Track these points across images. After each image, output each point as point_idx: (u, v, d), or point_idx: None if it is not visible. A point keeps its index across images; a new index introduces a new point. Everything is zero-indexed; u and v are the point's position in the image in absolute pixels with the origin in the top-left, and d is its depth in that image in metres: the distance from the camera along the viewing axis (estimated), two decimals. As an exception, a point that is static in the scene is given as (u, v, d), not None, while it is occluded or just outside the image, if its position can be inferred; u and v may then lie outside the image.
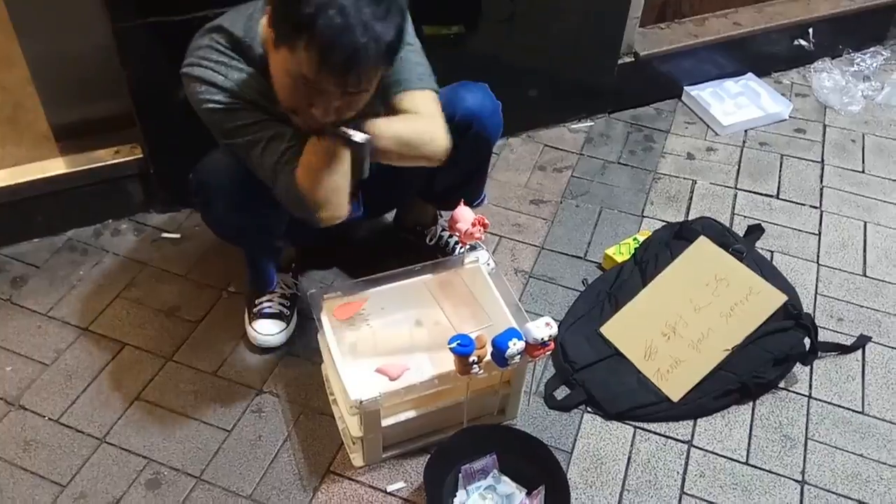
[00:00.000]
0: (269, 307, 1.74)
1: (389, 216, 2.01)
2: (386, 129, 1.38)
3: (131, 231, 2.01)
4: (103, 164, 1.92)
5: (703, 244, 1.82)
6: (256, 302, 1.75)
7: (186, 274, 1.90)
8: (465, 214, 1.62)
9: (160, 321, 1.80)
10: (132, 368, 1.70)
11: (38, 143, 1.95)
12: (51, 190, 1.91)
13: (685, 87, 2.55)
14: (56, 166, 1.91)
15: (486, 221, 1.62)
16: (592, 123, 2.46)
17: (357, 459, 1.55)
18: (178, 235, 2.00)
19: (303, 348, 1.75)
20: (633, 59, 2.39)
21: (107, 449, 1.55)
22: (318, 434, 1.60)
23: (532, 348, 1.43)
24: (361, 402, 1.39)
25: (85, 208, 1.98)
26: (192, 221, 2.03)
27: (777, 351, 1.68)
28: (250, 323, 1.75)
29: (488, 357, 1.42)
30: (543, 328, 1.42)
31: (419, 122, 1.43)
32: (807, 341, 1.72)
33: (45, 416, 1.60)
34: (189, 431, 1.59)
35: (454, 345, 1.38)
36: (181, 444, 1.57)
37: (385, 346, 1.54)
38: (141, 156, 1.94)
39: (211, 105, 1.35)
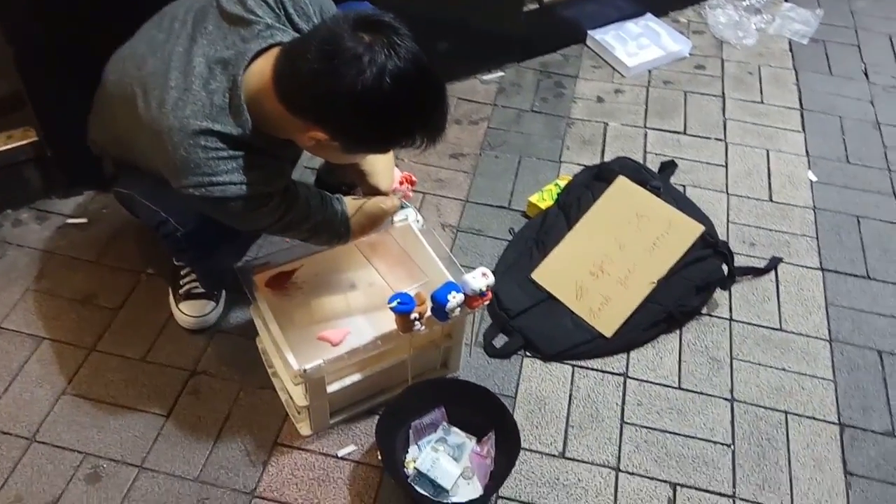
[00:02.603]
0: (197, 287, 1.68)
1: (311, 175, 1.96)
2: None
3: (33, 220, 1.89)
4: (-6, 150, 1.79)
5: (621, 183, 1.87)
6: (181, 283, 1.69)
7: (98, 259, 1.81)
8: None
9: (77, 311, 1.71)
10: (54, 363, 1.61)
11: (-84, 134, 1.80)
12: (-63, 183, 1.77)
13: (589, 32, 2.58)
14: (-60, 156, 1.77)
15: (414, 179, 1.61)
16: (503, 73, 2.46)
17: (304, 428, 1.53)
18: (84, 220, 1.89)
19: (233, 324, 1.70)
20: (537, 6, 2.40)
21: (38, 448, 1.48)
22: (259, 408, 1.57)
23: (471, 299, 1.43)
24: (305, 370, 1.37)
25: (-21, 200, 1.85)
26: (98, 204, 1.93)
27: (698, 279, 1.75)
28: (177, 305, 1.69)
29: (429, 313, 1.42)
30: (480, 278, 1.42)
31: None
32: (724, 268, 1.80)
33: (-36, 422, 1.51)
34: (124, 421, 1.53)
35: (394, 303, 1.37)
36: (117, 435, 1.51)
37: (322, 312, 1.52)
38: (36, 139, 1.81)
39: (250, 214, 1.30)
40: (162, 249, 1.72)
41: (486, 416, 1.50)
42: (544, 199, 1.96)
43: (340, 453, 1.51)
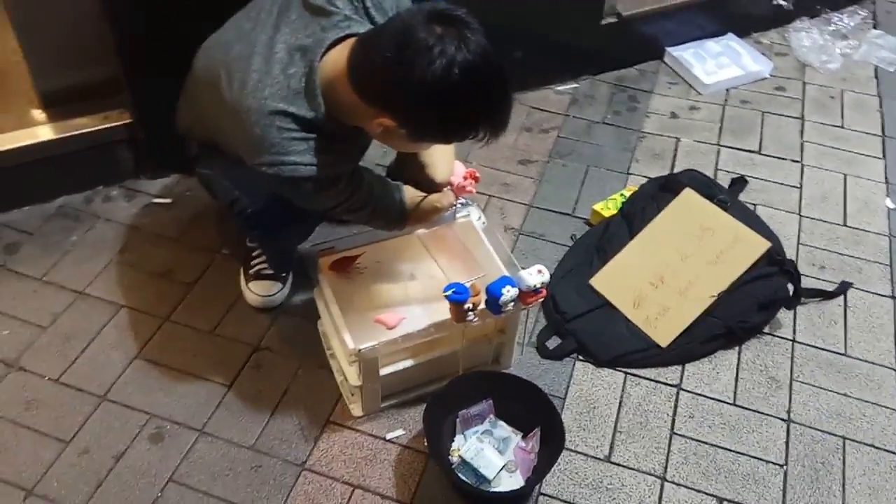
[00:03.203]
0: (266, 268, 1.76)
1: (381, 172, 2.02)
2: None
3: (122, 197, 2.01)
4: (92, 129, 1.92)
5: (688, 195, 1.86)
6: (252, 264, 1.77)
7: (179, 238, 1.92)
8: (456, 168, 1.64)
9: (155, 283, 1.81)
10: (130, 329, 1.72)
11: (26, 112, 1.95)
12: (40, 157, 1.91)
13: (667, 48, 2.58)
14: (45, 133, 1.91)
15: (477, 175, 1.65)
16: (577, 85, 2.48)
17: (356, 409, 1.58)
18: (169, 200, 2.01)
19: (298, 306, 1.77)
20: (615, 20, 2.41)
21: (108, 406, 1.58)
22: (316, 387, 1.63)
23: (525, 295, 1.46)
24: (360, 350, 1.42)
25: (75, 175, 1.98)
26: (183, 187, 2.04)
27: (761, 296, 1.73)
28: (247, 284, 1.77)
29: (482, 305, 1.46)
30: (536, 275, 1.45)
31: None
32: (790, 287, 1.77)
33: (44, 377, 1.62)
34: (189, 388, 1.62)
35: (450, 292, 1.41)
36: (182, 400, 1.59)
37: (381, 298, 1.57)
38: (130, 121, 1.94)
39: (319, 195, 1.36)
40: (236, 232, 1.81)
41: (533, 412, 1.52)
42: (608, 207, 1.97)
43: (389, 436, 1.55)
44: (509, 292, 1.43)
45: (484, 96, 1.23)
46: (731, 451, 1.57)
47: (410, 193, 1.54)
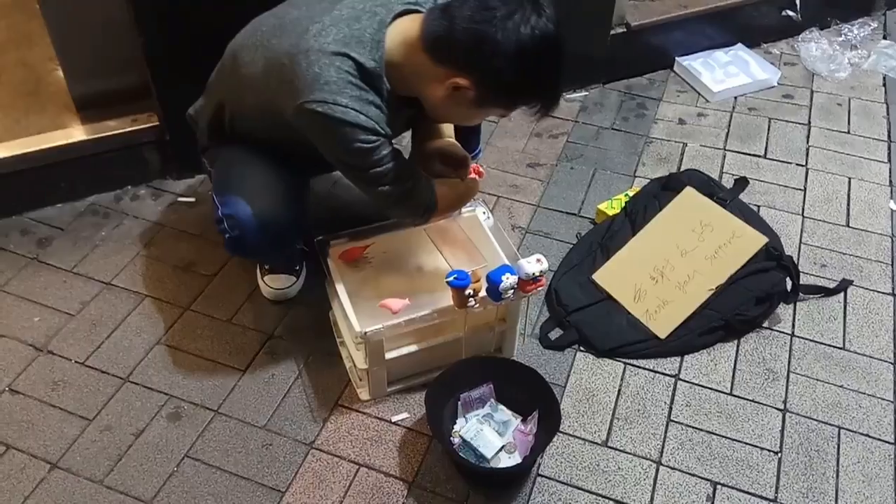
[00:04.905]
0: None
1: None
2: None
3: (149, 196, 2.12)
4: (122, 131, 2.03)
5: (689, 193, 1.91)
6: (267, 259, 1.86)
7: (201, 234, 2.02)
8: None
9: (178, 276, 1.91)
10: (153, 317, 1.81)
11: (60, 114, 2.08)
12: (73, 157, 2.03)
13: (676, 58, 2.65)
14: (77, 134, 2.03)
15: (482, 170, 1.72)
16: (587, 93, 2.56)
17: (364, 393, 1.65)
18: (193, 199, 2.12)
19: (311, 298, 1.85)
20: (624, 30, 2.49)
21: (130, 387, 1.67)
22: (326, 373, 1.71)
23: (524, 283, 1.52)
24: (366, 333, 1.50)
25: (106, 175, 2.10)
26: (206, 187, 2.14)
27: (759, 290, 1.77)
28: (262, 277, 1.86)
29: (483, 293, 1.53)
30: (535, 264, 1.52)
31: None
32: (788, 281, 1.81)
33: (71, 360, 1.71)
34: (207, 371, 1.70)
35: (451, 278, 1.49)
36: (200, 382, 1.68)
37: (388, 286, 1.64)
38: (157, 124, 2.06)
39: (357, 145, 1.39)
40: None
41: (531, 396, 1.57)
42: (613, 207, 2.03)
43: (394, 419, 1.62)
44: (508, 279, 1.50)
45: (556, 64, 1.35)
46: (726, 437, 1.61)
47: (438, 185, 1.61)
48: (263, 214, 1.53)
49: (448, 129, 1.73)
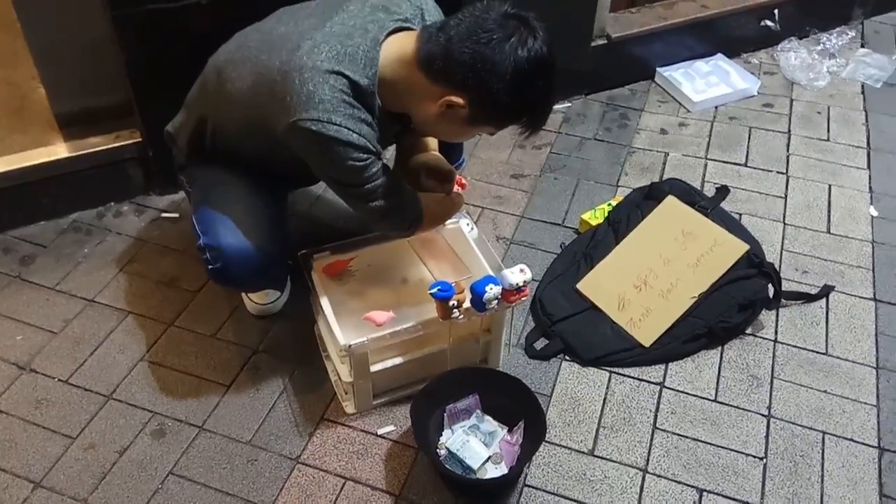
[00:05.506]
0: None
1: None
2: None
3: (132, 212, 2.12)
4: (104, 147, 2.03)
5: (670, 202, 1.93)
6: (252, 272, 1.86)
7: (185, 249, 2.01)
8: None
9: (161, 291, 1.90)
10: (136, 334, 1.80)
11: (43, 132, 2.07)
12: (55, 174, 2.02)
13: (657, 68, 2.67)
14: (60, 151, 2.02)
15: (465, 181, 1.73)
16: (570, 104, 2.58)
17: (349, 407, 1.65)
18: (176, 215, 2.11)
19: (296, 312, 1.85)
20: (606, 42, 2.51)
21: (113, 404, 1.66)
22: (311, 387, 1.70)
23: (508, 293, 1.53)
24: (350, 346, 1.49)
25: (88, 192, 2.09)
26: (188, 202, 2.14)
27: (741, 297, 1.78)
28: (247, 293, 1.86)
29: (467, 304, 1.53)
30: (518, 274, 1.52)
31: None
32: (770, 288, 1.83)
33: (54, 378, 1.70)
34: (191, 387, 1.69)
35: (435, 290, 1.49)
36: (183, 399, 1.67)
37: (372, 299, 1.64)
38: (140, 140, 2.06)
39: (350, 163, 1.38)
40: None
41: (517, 406, 1.57)
42: (596, 216, 2.04)
43: (380, 432, 1.62)
44: (492, 290, 1.50)
45: (547, 86, 1.38)
46: (711, 444, 1.61)
47: (423, 199, 1.62)
48: (247, 249, 1.52)
49: (433, 141, 1.74)
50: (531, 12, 1.35)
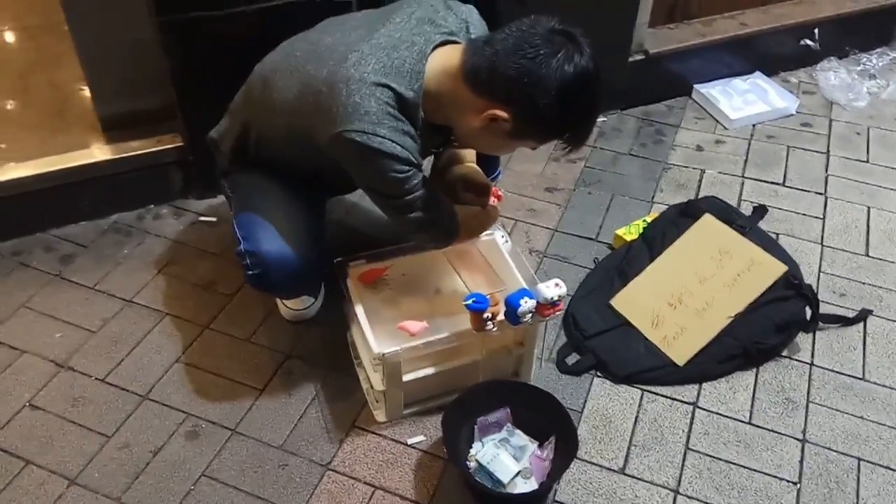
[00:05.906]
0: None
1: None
2: None
3: (171, 215, 2.15)
4: (146, 151, 2.07)
5: (707, 220, 1.92)
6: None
7: (222, 253, 2.04)
8: (480, 188, 1.73)
9: (198, 294, 1.93)
10: (172, 335, 1.83)
11: (86, 134, 2.12)
12: (97, 175, 2.06)
13: (695, 85, 2.66)
14: (102, 153, 2.07)
15: (500, 193, 1.74)
16: (605, 119, 2.57)
17: (380, 415, 1.65)
18: (214, 219, 2.14)
19: (330, 318, 1.86)
20: (643, 57, 2.51)
21: (149, 405, 1.68)
22: (343, 394, 1.71)
23: (543, 307, 1.53)
24: (384, 354, 1.50)
25: (129, 194, 2.13)
26: (227, 207, 2.16)
27: (778, 318, 1.76)
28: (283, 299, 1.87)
29: (501, 316, 1.53)
30: (553, 288, 1.52)
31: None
32: (808, 310, 1.80)
33: (91, 377, 1.73)
34: (225, 390, 1.71)
35: (470, 301, 1.49)
36: (218, 401, 1.69)
37: (406, 309, 1.65)
38: (181, 145, 2.09)
39: (392, 175, 1.40)
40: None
41: (548, 421, 1.57)
42: (631, 232, 2.03)
43: (410, 441, 1.62)
44: (527, 303, 1.50)
45: (592, 102, 1.39)
46: (744, 467, 1.59)
47: (460, 211, 1.63)
48: (286, 255, 1.53)
49: (470, 153, 1.75)
50: (578, 28, 1.36)
